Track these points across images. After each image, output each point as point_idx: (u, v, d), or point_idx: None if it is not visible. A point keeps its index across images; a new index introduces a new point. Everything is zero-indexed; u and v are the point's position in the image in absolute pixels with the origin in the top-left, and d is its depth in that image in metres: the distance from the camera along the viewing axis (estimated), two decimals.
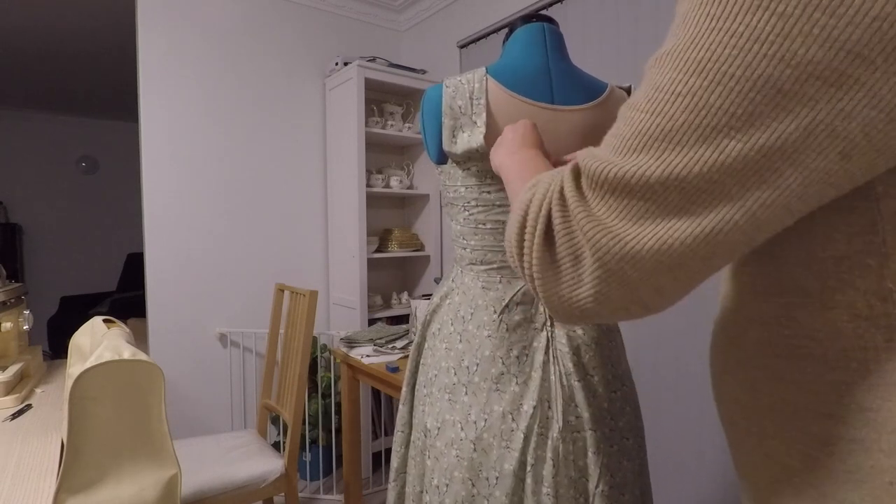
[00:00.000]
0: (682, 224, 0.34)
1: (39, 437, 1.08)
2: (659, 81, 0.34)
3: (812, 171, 0.31)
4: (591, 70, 1.02)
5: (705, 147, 0.32)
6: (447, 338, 0.88)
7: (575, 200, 0.38)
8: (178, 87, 2.27)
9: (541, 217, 0.41)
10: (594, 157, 0.37)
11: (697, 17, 0.32)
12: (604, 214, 0.36)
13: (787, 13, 0.29)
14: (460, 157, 0.82)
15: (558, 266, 0.40)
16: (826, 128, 0.30)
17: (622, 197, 0.35)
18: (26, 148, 4.87)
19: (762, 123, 0.31)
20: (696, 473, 1.61)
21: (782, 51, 0.29)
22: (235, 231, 2.45)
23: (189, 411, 2.31)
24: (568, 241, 0.38)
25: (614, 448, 0.83)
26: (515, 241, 0.43)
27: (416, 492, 0.90)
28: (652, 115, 0.34)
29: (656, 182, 0.34)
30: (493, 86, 0.82)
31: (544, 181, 0.43)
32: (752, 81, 0.30)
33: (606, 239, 0.36)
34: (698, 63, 0.32)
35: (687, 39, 0.33)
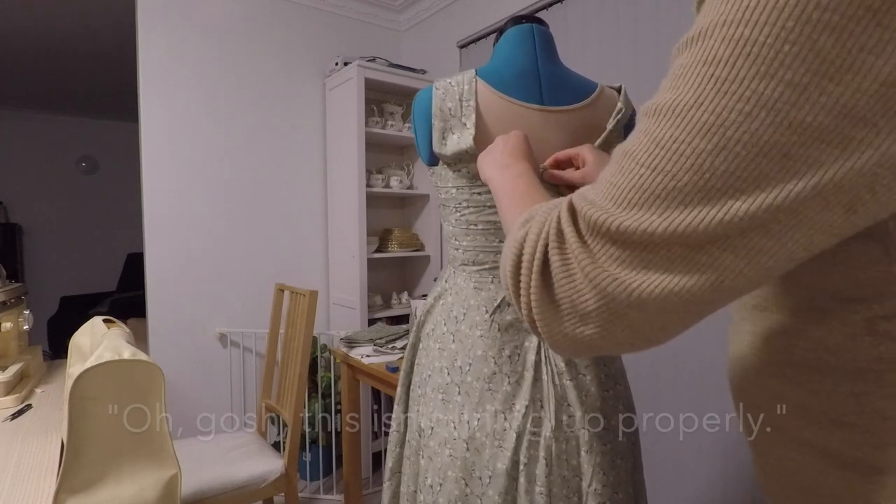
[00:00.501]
0: (686, 274, 0.34)
1: (39, 437, 1.08)
2: (660, 137, 0.34)
3: (817, 225, 0.32)
4: (591, 70, 1.02)
5: (709, 207, 0.32)
6: (440, 338, 0.88)
7: (575, 243, 0.38)
8: (178, 87, 2.27)
9: (537, 256, 0.40)
10: (592, 204, 0.37)
11: (703, 76, 0.32)
12: (605, 261, 0.36)
13: (796, 82, 0.29)
14: (450, 158, 0.83)
15: (558, 306, 0.39)
16: (833, 187, 0.30)
17: (624, 247, 0.35)
18: (26, 148, 4.88)
19: (768, 185, 0.31)
20: (695, 472, 1.61)
21: (790, 118, 0.29)
22: (235, 231, 2.45)
23: (189, 411, 2.31)
24: (568, 283, 0.38)
25: (607, 447, 0.83)
26: (511, 279, 0.43)
27: (410, 491, 0.90)
28: (653, 171, 0.34)
29: (659, 238, 0.34)
30: (483, 87, 0.82)
31: (538, 218, 0.43)
32: (759, 147, 0.30)
33: (612, 285, 0.36)
34: (703, 125, 0.32)
35: (691, 98, 0.32)
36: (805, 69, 0.29)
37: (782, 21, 0.29)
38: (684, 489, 1.65)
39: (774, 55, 0.29)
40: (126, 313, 3.89)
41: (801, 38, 0.29)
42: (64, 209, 5.09)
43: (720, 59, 0.31)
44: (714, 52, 0.31)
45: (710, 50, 0.32)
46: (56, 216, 5.06)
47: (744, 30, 0.30)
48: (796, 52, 0.29)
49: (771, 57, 0.29)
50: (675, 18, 1.58)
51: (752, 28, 0.30)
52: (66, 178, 5.11)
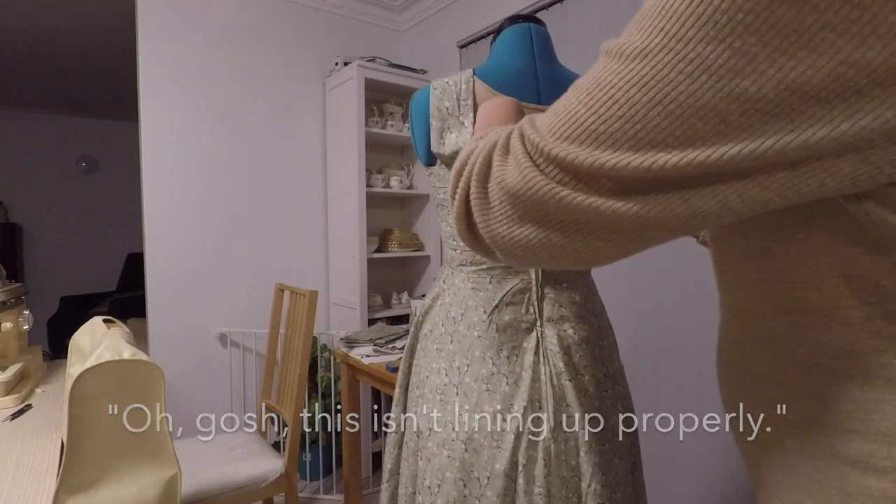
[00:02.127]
0: (613, 199, 0.34)
1: (39, 437, 1.08)
2: (602, 79, 0.34)
3: (751, 188, 0.31)
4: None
5: (637, 155, 0.32)
6: (438, 339, 0.88)
7: (520, 152, 0.39)
8: (178, 87, 2.27)
9: (479, 160, 0.42)
10: (535, 129, 0.38)
11: (654, 27, 0.31)
12: (543, 170, 0.37)
13: (745, 51, 0.28)
14: (448, 158, 0.83)
15: (490, 205, 0.41)
16: (773, 154, 0.29)
17: (559, 169, 0.36)
18: (26, 148, 4.87)
19: (702, 146, 0.30)
20: (695, 472, 1.61)
21: (732, 86, 0.29)
22: (235, 231, 2.45)
23: (189, 411, 2.30)
24: (505, 180, 0.39)
25: (606, 447, 0.83)
26: (453, 180, 0.45)
27: (408, 493, 0.90)
28: (588, 110, 0.34)
29: (586, 171, 0.35)
30: (481, 87, 0.82)
31: (490, 136, 0.44)
32: (695, 109, 0.30)
33: (544, 188, 0.37)
34: (643, 77, 0.31)
35: (637, 46, 0.32)
36: (756, 40, 0.28)
37: None
38: (684, 489, 1.65)
39: (727, 21, 0.28)
40: (126, 313, 3.89)
41: (759, 8, 0.27)
42: (64, 209, 5.09)
43: (673, 14, 0.30)
44: (670, 5, 0.30)
45: (668, 2, 0.31)
46: (56, 216, 5.05)
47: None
48: (750, 22, 0.28)
49: (723, 23, 0.28)
50: None
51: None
52: (66, 178, 5.10)
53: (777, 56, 0.28)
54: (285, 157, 2.58)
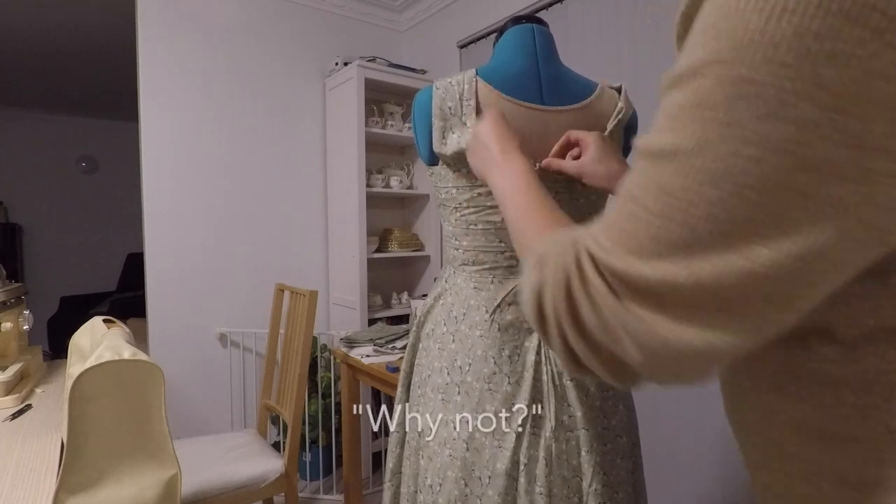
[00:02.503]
0: (721, 324, 0.32)
1: (39, 437, 1.08)
2: (667, 184, 0.32)
3: (849, 262, 0.30)
4: (590, 70, 1.02)
5: (732, 254, 0.30)
6: (440, 338, 0.88)
7: (604, 289, 0.36)
8: (178, 87, 2.27)
9: (560, 302, 0.39)
10: (610, 253, 0.35)
11: (702, 119, 0.30)
12: (640, 314, 0.34)
13: (803, 119, 0.27)
14: (450, 158, 0.82)
15: (600, 351, 0.38)
16: (861, 224, 0.28)
17: (656, 299, 0.33)
18: (26, 148, 4.88)
19: (791, 228, 0.29)
20: (695, 472, 1.61)
21: (801, 157, 0.27)
22: (235, 231, 2.45)
23: (189, 411, 2.31)
24: (606, 335, 0.37)
25: (607, 447, 0.83)
26: (538, 327, 0.42)
27: (410, 492, 0.90)
28: (667, 220, 0.32)
29: (686, 290, 0.32)
30: (483, 87, 0.82)
31: (551, 261, 0.41)
32: (774, 190, 0.28)
33: (651, 339, 0.34)
34: (711, 172, 0.30)
35: (693, 143, 0.30)
36: (811, 105, 0.27)
37: (780, 57, 0.27)
38: (685, 489, 1.65)
39: (775, 94, 0.27)
40: (126, 313, 3.89)
41: (803, 73, 0.26)
42: (64, 209, 5.09)
43: (718, 103, 0.29)
44: (711, 94, 0.29)
45: (706, 91, 0.30)
46: (56, 216, 5.05)
47: (740, 69, 0.28)
48: (799, 89, 0.27)
49: (772, 96, 0.27)
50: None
51: (749, 68, 0.28)
52: (66, 178, 5.11)
53: (835, 116, 0.27)
54: (285, 157, 2.58)
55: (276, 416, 2.23)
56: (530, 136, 0.83)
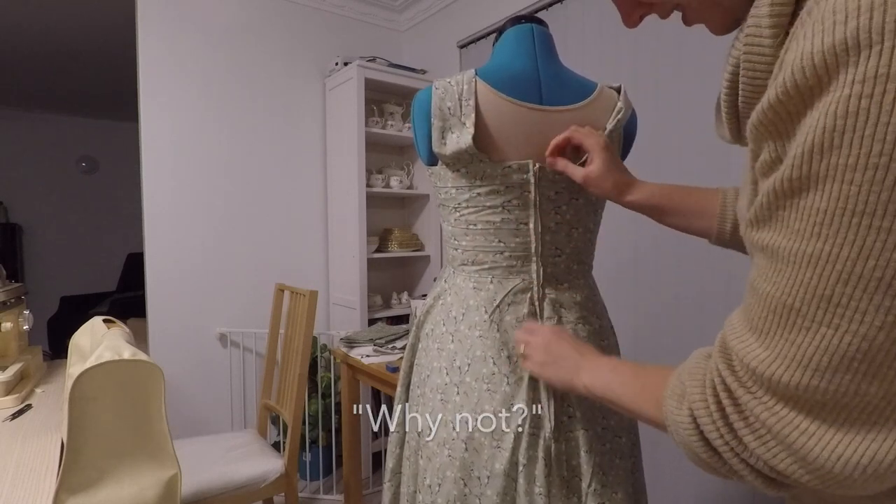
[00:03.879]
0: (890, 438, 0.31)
1: (39, 437, 1.08)
2: (829, 293, 0.31)
3: None
4: (590, 70, 1.03)
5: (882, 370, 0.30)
6: (439, 338, 0.88)
7: (755, 404, 0.35)
8: (178, 87, 2.27)
9: (718, 422, 0.38)
10: (762, 362, 0.34)
11: (859, 223, 0.29)
12: (798, 416, 0.33)
13: None
14: (450, 158, 0.82)
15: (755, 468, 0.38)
16: None
17: (816, 407, 0.33)
18: (26, 148, 4.87)
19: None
20: (695, 472, 1.61)
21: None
22: (235, 231, 2.45)
23: (189, 411, 2.31)
24: (763, 448, 0.36)
25: (606, 447, 0.83)
26: (705, 454, 0.41)
27: (410, 491, 0.90)
28: (836, 330, 0.31)
29: (853, 404, 0.31)
30: (483, 87, 0.82)
31: (690, 387, 0.40)
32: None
33: (818, 458, 0.33)
34: (888, 280, 0.29)
35: (853, 250, 0.29)
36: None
37: None
38: (684, 489, 1.65)
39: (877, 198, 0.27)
40: (126, 313, 3.89)
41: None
42: (64, 209, 5.09)
43: (876, 209, 0.28)
44: (864, 199, 0.28)
45: (856, 197, 0.29)
46: (56, 216, 5.05)
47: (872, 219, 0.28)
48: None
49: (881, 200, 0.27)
50: (675, 17, 1.57)
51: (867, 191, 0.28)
52: (66, 178, 5.10)
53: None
54: (285, 157, 2.58)
55: (276, 416, 2.23)
56: (530, 137, 0.83)
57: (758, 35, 0.34)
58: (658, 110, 1.62)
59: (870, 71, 0.27)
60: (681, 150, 1.58)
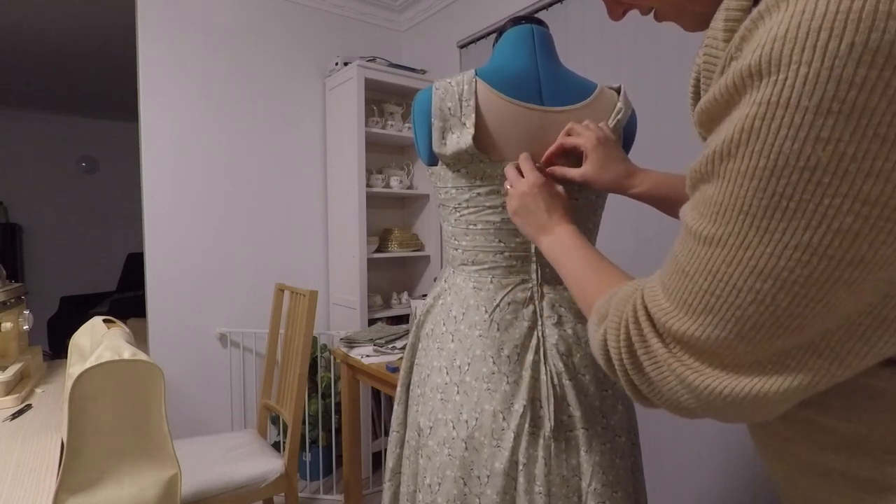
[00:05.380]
0: (777, 377, 0.35)
1: (39, 437, 1.08)
2: (716, 270, 0.35)
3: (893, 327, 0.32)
4: (590, 70, 1.03)
5: (783, 329, 0.33)
6: (439, 338, 0.88)
7: (660, 346, 0.39)
8: (178, 87, 2.27)
9: (624, 354, 0.42)
10: (667, 314, 0.38)
11: (743, 223, 0.32)
12: (695, 366, 0.37)
13: (846, 230, 0.29)
14: (450, 158, 0.83)
15: (660, 392, 0.41)
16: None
17: (711, 355, 0.37)
18: (26, 148, 4.88)
19: (840, 307, 0.31)
20: (695, 471, 1.61)
21: (847, 259, 0.30)
22: (235, 231, 2.45)
23: (189, 411, 2.31)
24: (663, 383, 0.40)
25: (606, 446, 0.83)
26: (608, 371, 0.46)
27: (410, 491, 0.90)
28: (719, 299, 0.35)
29: (742, 351, 0.35)
30: (483, 87, 0.82)
31: (612, 316, 0.44)
32: (821, 284, 0.31)
33: (707, 391, 0.37)
34: (757, 269, 0.32)
35: (737, 240, 0.33)
36: (853, 218, 0.29)
37: (817, 178, 0.29)
38: (684, 488, 1.65)
39: (815, 208, 0.29)
40: (126, 313, 3.89)
41: (841, 191, 0.28)
42: (64, 209, 5.09)
43: (756, 211, 0.31)
44: (748, 201, 0.32)
45: (743, 199, 0.32)
46: (56, 216, 5.05)
47: (776, 186, 0.30)
48: (839, 205, 0.29)
49: (812, 210, 0.29)
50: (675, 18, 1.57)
51: (786, 185, 0.30)
52: (66, 178, 5.11)
53: (879, 223, 0.29)
54: (285, 157, 2.58)
55: (276, 416, 2.23)
56: (530, 137, 0.83)
57: (714, 48, 0.37)
58: (658, 110, 1.62)
59: (765, 96, 0.30)
60: (681, 150, 1.58)
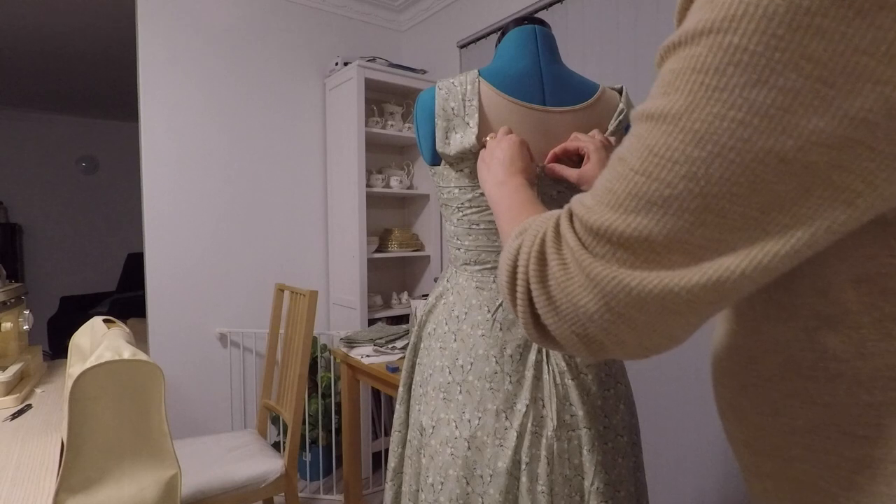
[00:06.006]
0: (686, 273, 0.33)
1: (39, 437, 1.08)
2: (653, 143, 0.34)
3: (817, 223, 0.31)
4: (590, 70, 1.03)
5: (708, 213, 0.32)
6: (442, 337, 0.88)
7: (575, 244, 0.37)
8: (178, 87, 2.27)
9: (532, 261, 0.40)
10: (589, 210, 0.37)
11: (693, 83, 0.32)
12: (605, 261, 0.36)
13: (789, 87, 0.29)
14: (453, 158, 0.83)
15: (558, 308, 0.39)
16: (829, 185, 0.30)
17: (624, 249, 0.35)
18: (26, 148, 4.88)
19: (764, 189, 0.31)
20: (695, 471, 1.61)
21: (784, 123, 0.29)
22: (235, 231, 2.45)
23: (189, 411, 2.31)
24: (568, 283, 0.38)
25: (609, 445, 0.83)
26: (507, 287, 0.43)
27: (412, 490, 0.91)
28: (649, 178, 0.34)
29: (659, 244, 0.34)
30: (486, 87, 0.83)
31: (533, 227, 0.43)
32: (755, 153, 0.30)
33: (612, 284, 0.35)
34: (696, 133, 0.32)
35: (682, 105, 0.32)
36: (797, 74, 0.28)
37: (772, 29, 0.29)
38: (685, 488, 1.65)
39: (766, 63, 0.29)
40: (126, 313, 3.89)
41: (792, 45, 0.28)
42: (64, 209, 5.09)
43: (710, 67, 0.31)
44: (703, 59, 0.31)
45: (699, 57, 0.31)
46: (56, 216, 5.05)
47: (732, 37, 0.30)
48: (787, 59, 0.29)
49: (762, 64, 0.29)
50: None
51: (741, 36, 0.29)
52: (66, 178, 5.10)
53: (820, 87, 0.28)
54: (285, 157, 2.58)
55: (276, 416, 2.23)
56: (532, 137, 0.83)
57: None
58: None
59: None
60: None
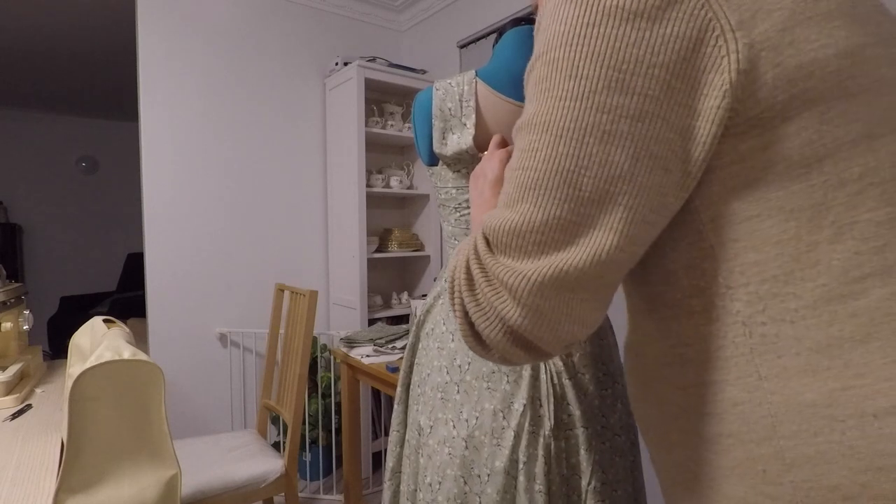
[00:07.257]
0: (570, 252, 0.40)
1: (39, 437, 1.08)
2: (522, 145, 0.42)
3: (649, 187, 0.39)
4: None
5: (567, 188, 0.39)
6: (440, 337, 0.88)
7: (485, 254, 0.43)
8: (178, 87, 2.27)
9: (460, 271, 0.45)
10: (491, 215, 0.44)
11: (538, 92, 0.41)
12: (507, 260, 0.42)
13: (589, 75, 0.38)
14: (450, 158, 0.83)
15: (486, 313, 0.44)
16: (646, 151, 0.38)
17: (517, 241, 0.41)
18: (26, 148, 4.87)
19: (600, 159, 0.39)
20: None
21: (595, 102, 0.38)
22: (235, 231, 2.45)
23: (189, 411, 2.31)
24: (488, 289, 0.43)
25: (606, 445, 0.83)
26: (451, 305, 0.49)
27: (410, 490, 0.91)
28: (522, 170, 0.42)
29: (540, 224, 0.40)
30: (483, 88, 0.83)
31: (465, 243, 0.48)
32: (582, 130, 0.39)
33: (514, 279, 0.41)
34: (544, 125, 0.40)
35: (534, 110, 0.41)
36: (595, 66, 0.38)
37: (571, 42, 0.39)
38: None
39: (573, 62, 0.39)
40: (126, 313, 3.90)
41: (585, 48, 0.38)
42: (64, 209, 5.09)
43: (544, 78, 0.41)
44: (539, 74, 0.41)
45: (538, 74, 0.41)
46: (56, 216, 5.05)
47: (551, 54, 0.40)
48: (584, 57, 0.38)
49: (572, 64, 0.39)
50: None
51: (555, 51, 0.40)
52: (66, 178, 5.10)
53: (612, 73, 0.38)
54: (285, 157, 2.58)
55: (276, 416, 2.23)
56: None
57: None
58: None
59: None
60: None
